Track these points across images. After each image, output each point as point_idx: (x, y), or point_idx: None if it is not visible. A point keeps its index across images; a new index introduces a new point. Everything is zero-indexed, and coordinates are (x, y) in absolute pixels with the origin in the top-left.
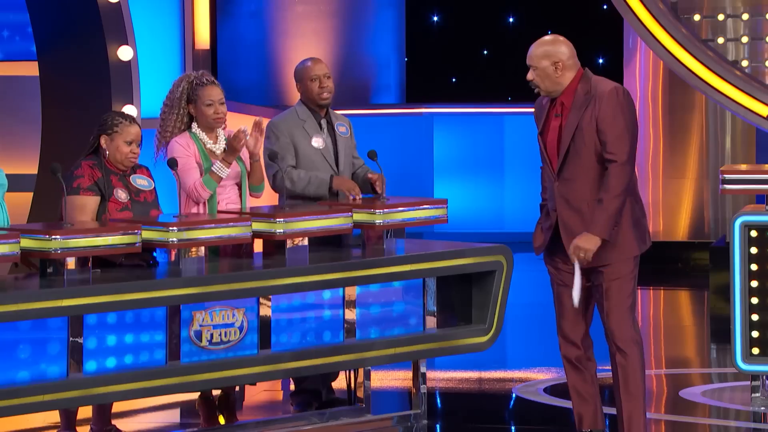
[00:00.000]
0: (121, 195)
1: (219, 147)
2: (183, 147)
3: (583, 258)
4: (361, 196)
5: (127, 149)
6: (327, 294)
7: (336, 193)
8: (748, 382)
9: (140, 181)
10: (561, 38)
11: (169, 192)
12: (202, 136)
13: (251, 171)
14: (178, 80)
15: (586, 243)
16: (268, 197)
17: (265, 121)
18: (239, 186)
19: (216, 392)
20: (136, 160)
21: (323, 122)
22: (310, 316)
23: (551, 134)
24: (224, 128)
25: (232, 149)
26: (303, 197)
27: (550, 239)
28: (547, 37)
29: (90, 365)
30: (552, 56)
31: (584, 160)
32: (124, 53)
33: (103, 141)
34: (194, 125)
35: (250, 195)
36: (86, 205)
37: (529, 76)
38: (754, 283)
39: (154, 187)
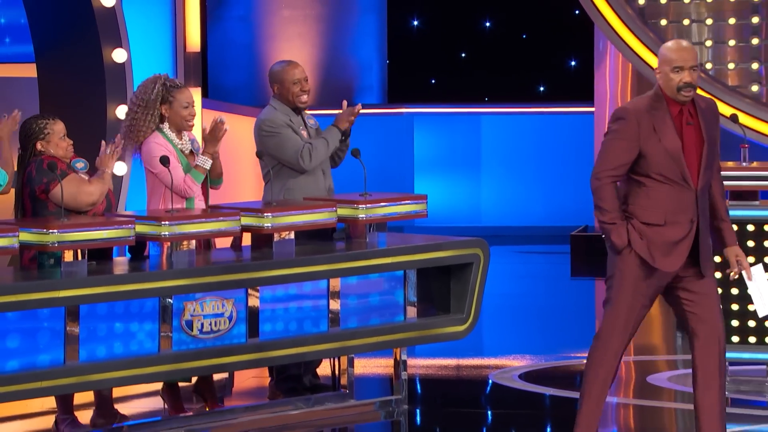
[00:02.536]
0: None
1: (186, 146)
2: (162, 146)
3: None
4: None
5: (64, 143)
6: (312, 285)
7: (343, 132)
8: None
9: (79, 165)
10: None
11: (141, 185)
12: (172, 135)
13: (211, 166)
14: (149, 82)
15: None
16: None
17: (226, 121)
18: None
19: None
20: (72, 149)
21: (299, 119)
22: (296, 307)
23: (688, 143)
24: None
25: (213, 140)
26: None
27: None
28: (684, 41)
29: (85, 353)
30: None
31: (711, 171)
32: (119, 55)
33: (39, 146)
34: (165, 125)
35: (210, 188)
36: (80, 177)
37: (696, 78)
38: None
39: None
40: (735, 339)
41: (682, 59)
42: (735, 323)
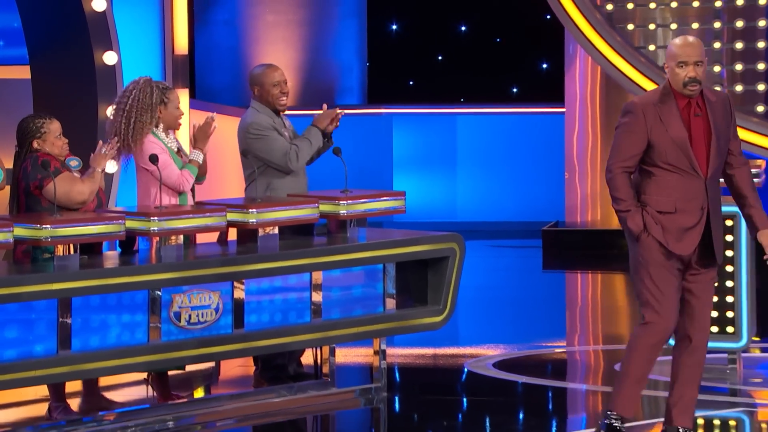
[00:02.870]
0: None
1: (173, 144)
2: (157, 145)
3: None
4: (342, 112)
5: (60, 142)
6: (295, 278)
7: (324, 132)
8: None
9: (73, 163)
10: None
11: (131, 183)
12: (162, 135)
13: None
14: (143, 85)
15: None
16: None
17: (217, 118)
18: None
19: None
20: (67, 147)
21: (280, 121)
22: (280, 299)
23: (696, 134)
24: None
25: (204, 135)
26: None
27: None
28: (691, 36)
29: (77, 343)
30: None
31: (720, 160)
32: (109, 58)
33: (36, 144)
34: (159, 126)
35: (195, 183)
36: (73, 176)
37: (701, 73)
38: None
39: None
40: None
41: (686, 54)
42: None
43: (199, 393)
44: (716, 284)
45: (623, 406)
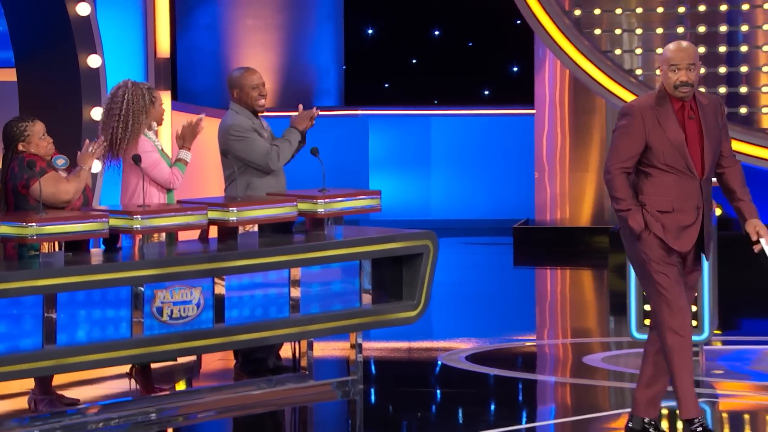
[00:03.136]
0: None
1: (159, 144)
2: (149, 144)
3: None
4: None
5: (44, 142)
6: (274, 274)
7: (301, 131)
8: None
9: (60, 161)
10: None
11: (115, 182)
12: (152, 135)
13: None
14: (133, 89)
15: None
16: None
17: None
18: None
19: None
20: (53, 146)
21: (258, 122)
22: (260, 294)
23: (690, 136)
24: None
25: (192, 135)
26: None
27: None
28: (684, 41)
29: (62, 338)
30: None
31: (713, 161)
32: (93, 61)
33: (21, 147)
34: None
35: None
36: (59, 175)
37: (693, 77)
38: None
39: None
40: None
41: (678, 58)
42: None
43: (181, 386)
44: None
45: (693, 407)
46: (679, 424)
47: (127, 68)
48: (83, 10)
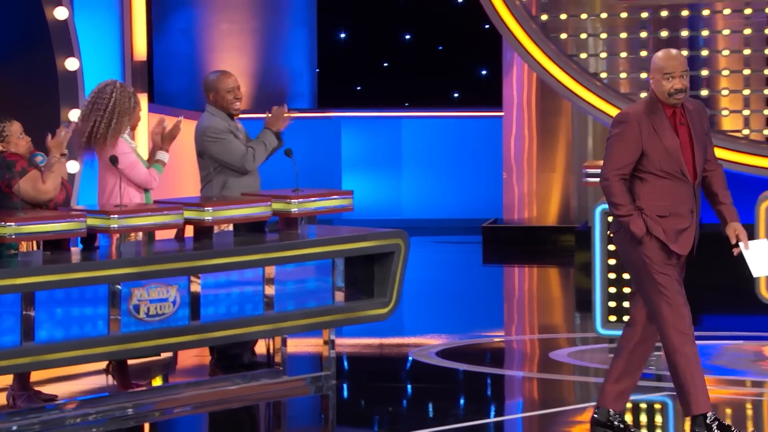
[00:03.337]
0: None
1: (134, 145)
2: (127, 146)
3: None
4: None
5: (23, 141)
6: (249, 273)
7: (277, 133)
8: (606, 345)
9: (38, 159)
10: None
11: (92, 182)
12: (128, 137)
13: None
14: (120, 89)
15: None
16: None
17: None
18: None
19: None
20: (31, 144)
21: (234, 124)
22: (235, 292)
23: (682, 141)
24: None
25: (170, 138)
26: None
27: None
28: (672, 49)
29: (41, 335)
30: None
31: (703, 165)
32: (71, 64)
33: (1, 147)
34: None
35: None
36: (38, 175)
37: (686, 83)
38: (612, 261)
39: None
40: (612, 318)
41: (672, 67)
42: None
43: (157, 381)
44: None
45: (704, 403)
46: (643, 417)
47: (104, 71)
48: (61, 14)
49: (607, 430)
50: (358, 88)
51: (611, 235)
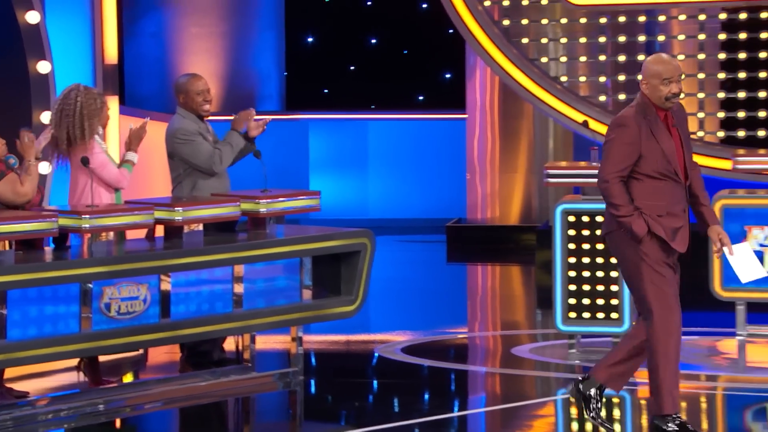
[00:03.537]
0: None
1: (104, 146)
2: (99, 146)
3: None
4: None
5: None
6: (218, 271)
7: (247, 136)
8: (566, 341)
9: (11, 161)
10: None
11: (64, 183)
12: (99, 138)
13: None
14: (85, 93)
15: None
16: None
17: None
18: None
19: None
20: (5, 147)
21: (204, 126)
22: (204, 290)
23: (675, 143)
24: None
25: (138, 138)
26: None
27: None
28: (663, 54)
29: (14, 333)
30: None
31: (690, 165)
32: (43, 67)
33: None
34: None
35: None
36: (15, 178)
37: (681, 86)
38: (572, 260)
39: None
40: (586, 315)
41: (669, 72)
42: (586, 301)
43: (128, 378)
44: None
45: (674, 403)
46: (602, 412)
47: (76, 74)
48: (33, 18)
49: (580, 401)
50: (326, 91)
51: (603, 236)
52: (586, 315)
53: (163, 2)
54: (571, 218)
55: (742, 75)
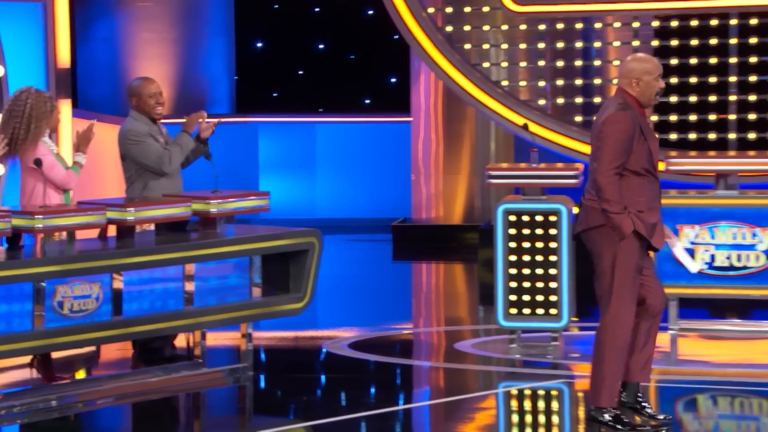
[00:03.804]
0: None
1: (54, 148)
2: (46, 148)
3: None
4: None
5: None
6: (170, 270)
7: (197, 135)
8: (507, 336)
9: None
10: None
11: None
12: (47, 140)
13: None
14: (36, 95)
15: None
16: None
17: (95, 125)
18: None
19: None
20: None
21: (156, 128)
22: (156, 288)
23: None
24: None
25: (86, 140)
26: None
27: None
28: (640, 53)
29: None
30: None
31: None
32: None
33: None
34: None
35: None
36: None
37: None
38: (513, 258)
39: None
40: (526, 311)
41: (658, 68)
42: (527, 298)
43: (80, 374)
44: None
45: (612, 396)
46: (541, 404)
47: (28, 78)
48: None
49: (615, 427)
50: (275, 94)
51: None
52: (527, 311)
53: (115, 8)
54: (512, 218)
55: (673, 80)
